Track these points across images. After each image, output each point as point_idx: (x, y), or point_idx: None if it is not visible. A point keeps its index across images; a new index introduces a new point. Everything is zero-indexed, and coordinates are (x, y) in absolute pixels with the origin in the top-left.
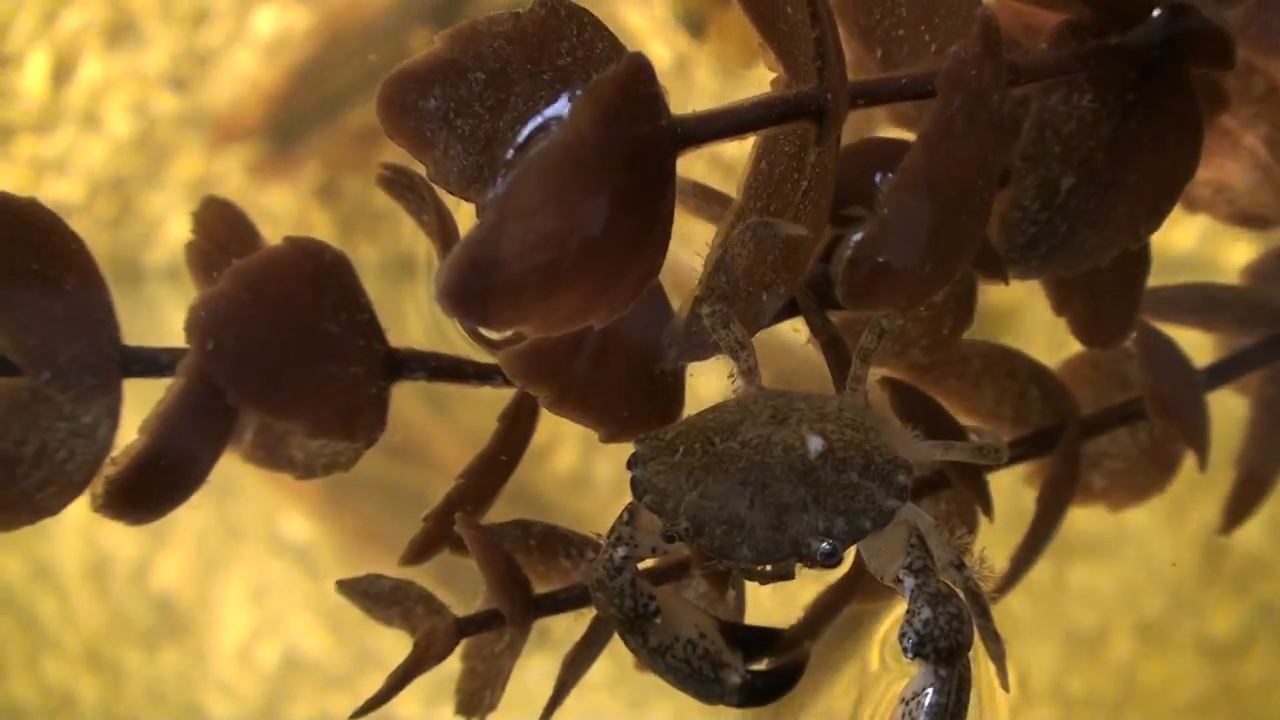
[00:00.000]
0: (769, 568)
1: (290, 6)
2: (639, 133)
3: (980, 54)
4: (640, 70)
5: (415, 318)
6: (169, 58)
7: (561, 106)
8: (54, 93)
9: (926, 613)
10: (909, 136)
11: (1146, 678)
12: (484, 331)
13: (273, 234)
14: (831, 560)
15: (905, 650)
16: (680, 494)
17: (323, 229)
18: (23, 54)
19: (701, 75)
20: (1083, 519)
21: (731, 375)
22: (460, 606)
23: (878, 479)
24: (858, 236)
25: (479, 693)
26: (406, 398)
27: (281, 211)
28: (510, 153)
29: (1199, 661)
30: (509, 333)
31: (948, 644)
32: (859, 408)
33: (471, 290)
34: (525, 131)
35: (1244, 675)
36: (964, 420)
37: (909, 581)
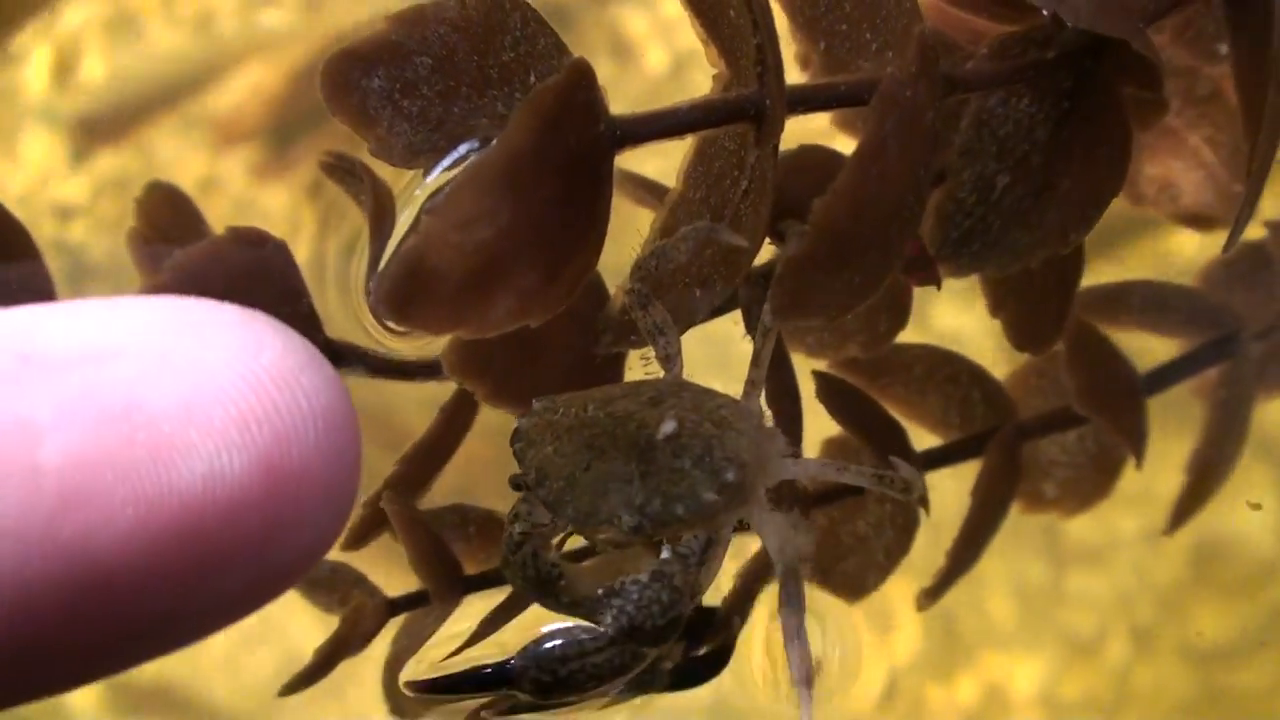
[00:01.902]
0: (600, 535)
1: (292, 9)
2: (578, 139)
3: (915, 74)
4: (580, 78)
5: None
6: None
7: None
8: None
9: (645, 579)
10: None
11: (1139, 684)
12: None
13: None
14: (636, 535)
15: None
16: (541, 447)
17: (308, 225)
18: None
19: (699, 78)
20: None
21: (645, 359)
22: None
23: (707, 471)
24: (787, 252)
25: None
26: (411, 406)
27: (275, 209)
28: (450, 160)
29: (1187, 667)
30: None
31: (636, 613)
32: (742, 410)
33: (408, 298)
34: (463, 149)
35: (1235, 682)
36: (914, 426)
37: (664, 553)
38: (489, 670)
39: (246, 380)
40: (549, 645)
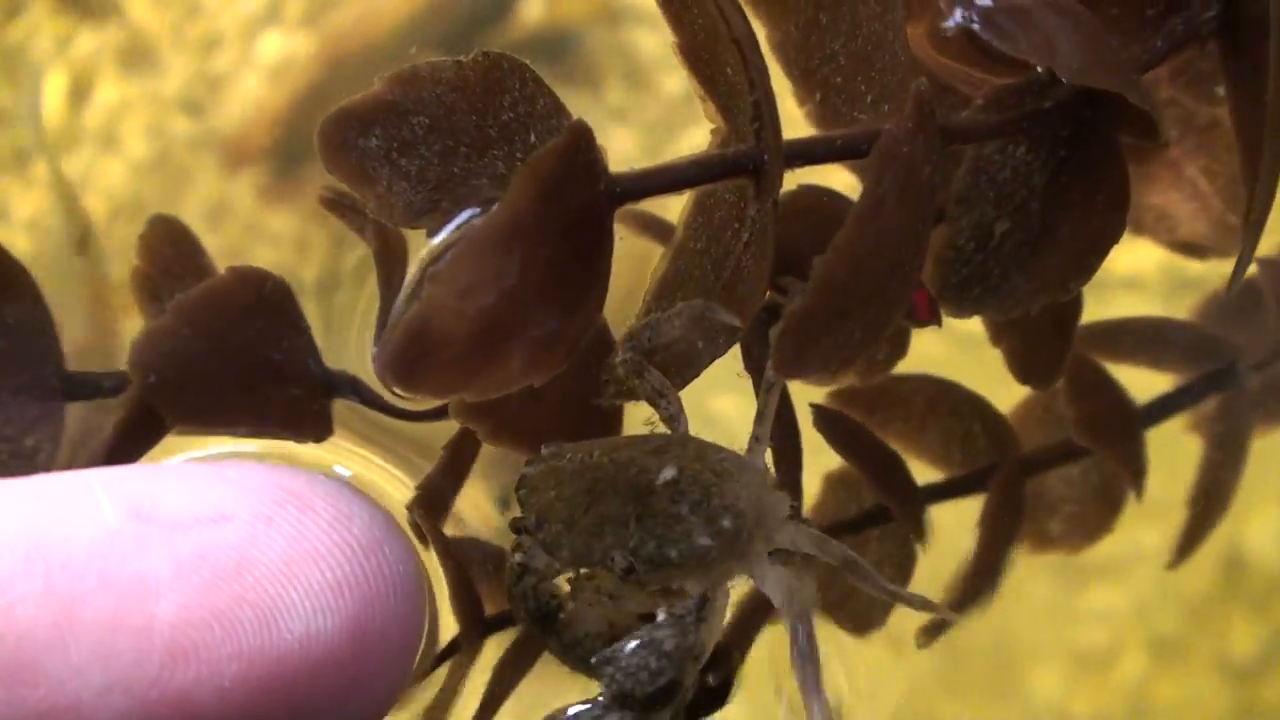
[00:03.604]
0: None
1: (296, 31)
2: (578, 200)
3: (913, 130)
4: (580, 140)
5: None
6: (182, 83)
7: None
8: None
9: (634, 644)
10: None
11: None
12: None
13: (277, 255)
14: (628, 578)
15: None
16: (544, 493)
17: (318, 246)
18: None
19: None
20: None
21: (650, 422)
22: None
23: (704, 517)
24: (789, 308)
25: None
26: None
27: (284, 232)
28: (451, 226)
29: (1215, 682)
30: None
31: (625, 680)
32: (746, 465)
33: (413, 365)
34: (465, 214)
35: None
36: (917, 462)
37: (660, 615)
38: None
39: (341, 548)
40: None
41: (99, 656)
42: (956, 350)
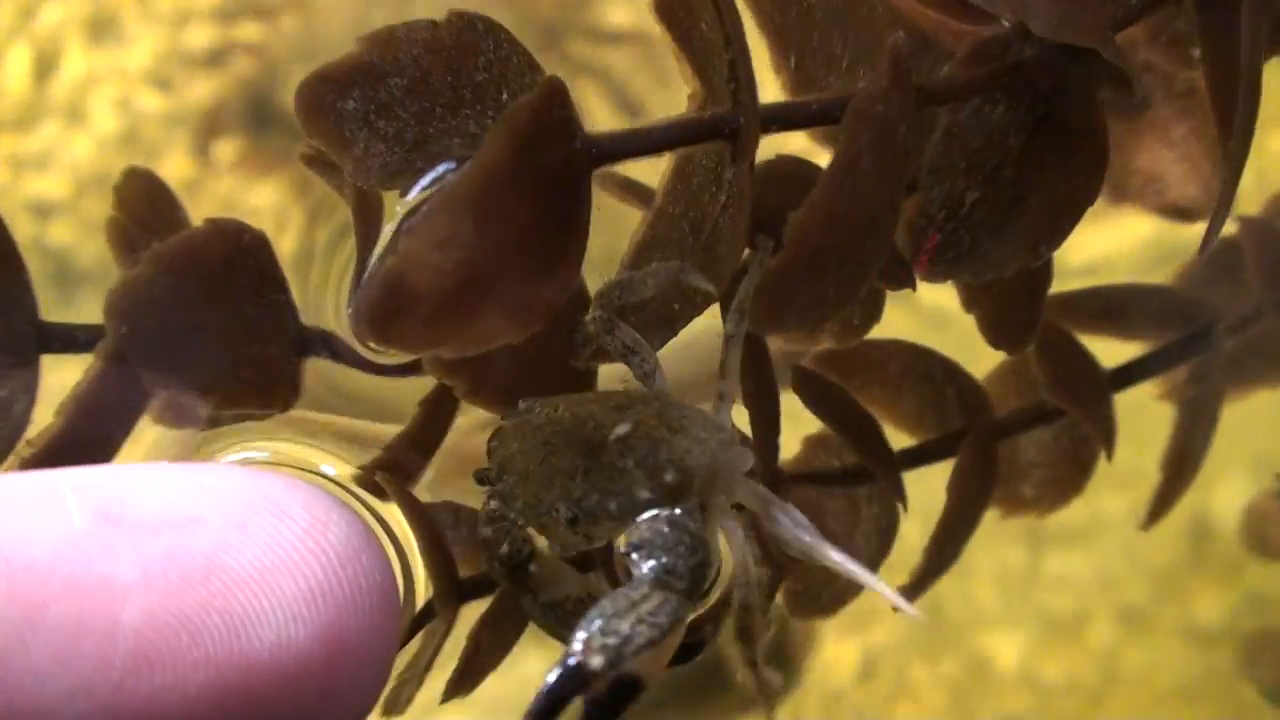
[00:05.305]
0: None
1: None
2: (553, 158)
3: (888, 87)
4: (554, 96)
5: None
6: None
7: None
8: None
9: (658, 527)
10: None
11: (1128, 665)
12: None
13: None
14: (574, 528)
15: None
16: (509, 445)
17: (296, 219)
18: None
19: (673, 63)
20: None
21: (625, 380)
22: None
23: (647, 471)
24: (765, 266)
25: (398, 689)
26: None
27: (263, 205)
28: (427, 180)
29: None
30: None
31: (665, 555)
32: (708, 421)
33: (388, 319)
34: (441, 168)
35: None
36: (891, 427)
37: (663, 513)
38: (559, 674)
39: (316, 556)
40: (595, 616)
41: (62, 660)
42: (922, 327)
